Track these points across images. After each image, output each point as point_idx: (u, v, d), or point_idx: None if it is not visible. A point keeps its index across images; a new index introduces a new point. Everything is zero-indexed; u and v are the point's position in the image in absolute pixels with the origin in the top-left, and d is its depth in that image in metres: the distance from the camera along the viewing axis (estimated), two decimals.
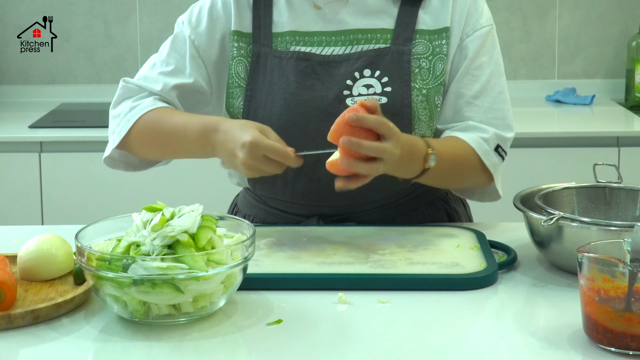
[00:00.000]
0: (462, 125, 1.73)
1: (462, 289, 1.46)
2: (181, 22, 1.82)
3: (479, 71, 1.74)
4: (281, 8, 1.77)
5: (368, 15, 1.75)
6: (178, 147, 1.73)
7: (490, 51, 1.76)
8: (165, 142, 1.73)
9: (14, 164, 3.04)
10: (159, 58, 1.81)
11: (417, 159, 1.61)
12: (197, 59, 1.78)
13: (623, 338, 1.23)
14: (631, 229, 1.39)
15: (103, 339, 1.32)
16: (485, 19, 1.77)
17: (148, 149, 1.77)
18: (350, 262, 1.54)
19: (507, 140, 1.74)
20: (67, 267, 1.49)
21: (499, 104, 1.75)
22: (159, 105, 1.75)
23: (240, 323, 1.35)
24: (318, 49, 1.74)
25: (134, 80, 1.81)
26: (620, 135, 3.06)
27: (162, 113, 1.73)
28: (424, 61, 1.73)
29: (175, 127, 1.70)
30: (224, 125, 1.63)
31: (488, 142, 1.71)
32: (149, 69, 1.81)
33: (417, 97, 1.71)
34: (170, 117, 1.72)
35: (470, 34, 1.74)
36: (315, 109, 1.70)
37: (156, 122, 1.72)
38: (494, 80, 1.75)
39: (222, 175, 1.94)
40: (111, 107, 1.81)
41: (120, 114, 1.77)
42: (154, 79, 1.78)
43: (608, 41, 3.61)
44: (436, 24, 1.74)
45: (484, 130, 1.72)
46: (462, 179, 1.75)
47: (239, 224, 1.46)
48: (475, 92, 1.74)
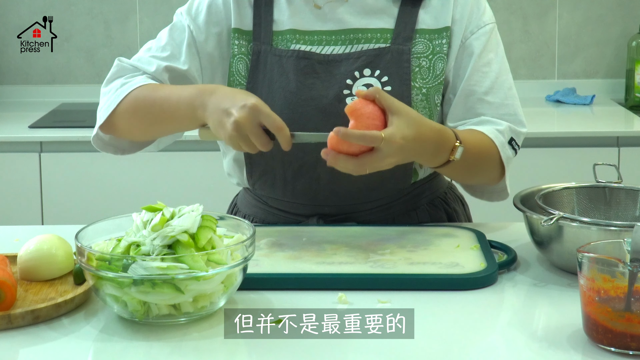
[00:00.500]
0: (475, 120, 1.73)
1: (462, 289, 1.46)
2: (180, 13, 1.82)
3: (488, 67, 1.74)
4: (282, 6, 1.77)
5: (368, 14, 1.75)
6: (167, 116, 1.67)
7: (496, 48, 1.77)
8: (154, 112, 1.69)
9: (14, 164, 3.04)
10: (156, 44, 1.80)
11: (445, 150, 1.59)
12: (192, 48, 1.77)
13: (623, 338, 1.23)
14: (631, 229, 1.39)
15: (103, 339, 1.32)
16: (487, 16, 1.77)
17: (135, 123, 1.73)
18: (350, 262, 1.54)
19: (520, 135, 1.75)
20: (67, 267, 1.49)
21: (509, 100, 1.75)
22: (149, 82, 1.73)
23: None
24: (318, 47, 1.74)
25: (128, 60, 1.80)
26: (620, 135, 3.06)
27: (154, 86, 1.72)
28: (424, 60, 1.73)
29: (170, 93, 1.67)
30: (224, 88, 1.61)
31: (503, 134, 1.71)
32: (145, 52, 1.80)
33: (417, 96, 1.71)
34: (163, 87, 1.71)
35: (475, 32, 1.74)
36: (315, 108, 1.71)
37: (147, 94, 1.70)
38: (502, 77, 1.76)
39: (222, 175, 1.94)
40: (103, 84, 1.79)
41: (110, 90, 1.75)
42: (148, 61, 1.78)
43: (608, 41, 3.61)
44: (436, 24, 1.74)
45: (499, 123, 1.72)
46: (481, 173, 1.74)
47: (239, 224, 1.46)
48: (486, 89, 1.74)
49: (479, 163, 1.69)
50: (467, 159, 1.63)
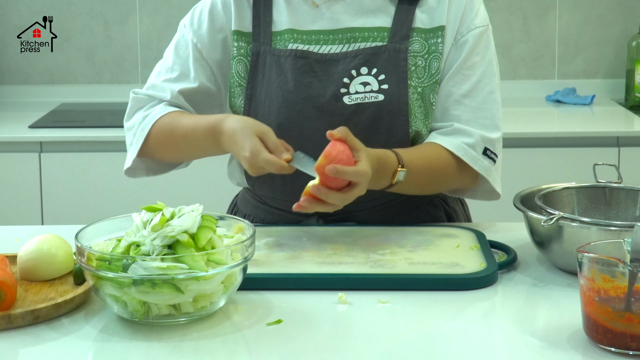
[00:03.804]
0: (448, 129, 1.74)
1: (462, 289, 1.46)
2: (183, 25, 1.84)
3: (470, 71, 1.75)
4: (280, 7, 1.78)
5: (365, 13, 1.76)
6: (194, 148, 1.77)
7: (484, 51, 1.76)
8: (181, 145, 1.78)
9: (14, 164, 3.04)
10: (164, 65, 1.84)
11: (386, 175, 1.64)
12: (200, 61, 1.80)
13: (623, 338, 1.23)
14: (631, 229, 1.39)
15: (103, 339, 1.32)
16: (480, 19, 1.77)
17: (168, 154, 1.82)
18: (350, 262, 1.54)
19: (494, 142, 1.74)
20: (67, 267, 1.49)
21: (488, 104, 1.75)
22: (170, 110, 1.79)
23: (240, 323, 1.35)
24: (316, 47, 1.75)
25: (142, 90, 1.84)
26: (620, 135, 3.06)
27: (172, 117, 1.77)
28: (420, 59, 1.74)
29: (186, 130, 1.74)
30: (226, 126, 1.66)
31: (474, 148, 1.72)
32: (156, 77, 1.84)
33: (413, 95, 1.72)
34: (179, 121, 1.76)
35: (465, 34, 1.75)
36: (313, 107, 1.72)
37: (168, 126, 1.77)
38: (485, 81, 1.76)
39: (222, 175, 1.94)
40: (124, 119, 1.85)
41: (134, 125, 1.81)
42: (161, 88, 1.82)
43: (608, 41, 3.61)
44: (432, 23, 1.75)
45: (469, 134, 1.72)
46: (440, 186, 1.77)
47: (239, 224, 1.46)
48: (464, 92, 1.75)
49: (431, 178, 1.72)
50: (415, 178, 1.67)
